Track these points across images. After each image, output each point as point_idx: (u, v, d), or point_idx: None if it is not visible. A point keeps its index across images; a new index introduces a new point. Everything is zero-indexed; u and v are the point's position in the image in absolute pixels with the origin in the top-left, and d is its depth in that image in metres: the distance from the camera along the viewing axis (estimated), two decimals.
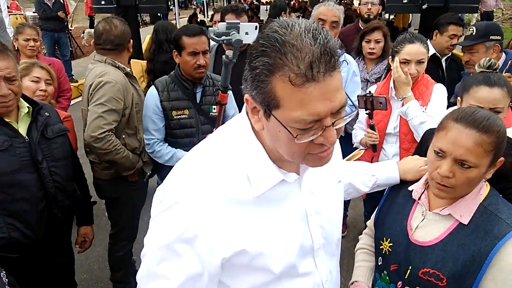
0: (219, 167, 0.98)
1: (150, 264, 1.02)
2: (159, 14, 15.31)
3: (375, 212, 1.60)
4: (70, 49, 10.08)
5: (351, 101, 0.94)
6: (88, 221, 2.41)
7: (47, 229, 2.00)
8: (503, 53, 2.83)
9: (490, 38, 2.73)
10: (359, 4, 4.13)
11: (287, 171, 1.02)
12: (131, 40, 2.64)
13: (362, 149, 2.27)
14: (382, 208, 1.55)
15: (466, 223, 1.27)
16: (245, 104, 1.03)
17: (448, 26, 3.27)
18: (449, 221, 1.31)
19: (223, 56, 2.04)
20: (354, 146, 2.87)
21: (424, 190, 1.41)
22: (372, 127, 2.55)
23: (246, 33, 2.03)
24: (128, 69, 2.60)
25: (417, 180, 1.47)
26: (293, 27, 0.84)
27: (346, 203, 3.76)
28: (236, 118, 1.07)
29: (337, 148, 1.25)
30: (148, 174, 2.76)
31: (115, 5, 5.59)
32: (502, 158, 1.29)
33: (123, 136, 2.53)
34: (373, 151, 2.61)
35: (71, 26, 15.49)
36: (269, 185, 0.99)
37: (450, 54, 3.40)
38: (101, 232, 3.35)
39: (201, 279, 0.98)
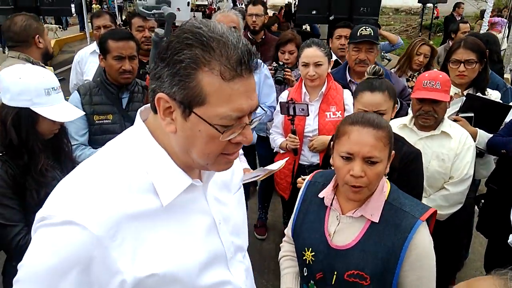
0: (118, 178, 0.88)
1: None
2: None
3: (290, 222, 1.62)
4: None
5: (260, 106, 0.95)
6: None
7: None
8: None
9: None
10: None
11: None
12: (38, 35, 2.66)
13: (285, 160, 2.39)
14: (298, 219, 1.57)
15: (377, 221, 1.35)
16: (138, 112, 0.98)
17: (335, 29, 3.68)
18: (362, 222, 1.39)
19: (152, 34, 1.90)
20: (274, 151, 2.96)
21: (334, 196, 1.47)
22: (294, 132, 2.65)
23: (178, 9, 1.89)
24: (42, 64, 2.65)
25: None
26: (214, 27, 0.85)
27: (266, 207, 3.85)
28: (129, 129, 1.00)
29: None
30: None
31: (13, 6, 5.27)
32: (393, 152, 1.42)
33: None
34: (294, 155, 2.71)
35: None
36: (178, 190, 0.93)
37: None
38: None
39: None
